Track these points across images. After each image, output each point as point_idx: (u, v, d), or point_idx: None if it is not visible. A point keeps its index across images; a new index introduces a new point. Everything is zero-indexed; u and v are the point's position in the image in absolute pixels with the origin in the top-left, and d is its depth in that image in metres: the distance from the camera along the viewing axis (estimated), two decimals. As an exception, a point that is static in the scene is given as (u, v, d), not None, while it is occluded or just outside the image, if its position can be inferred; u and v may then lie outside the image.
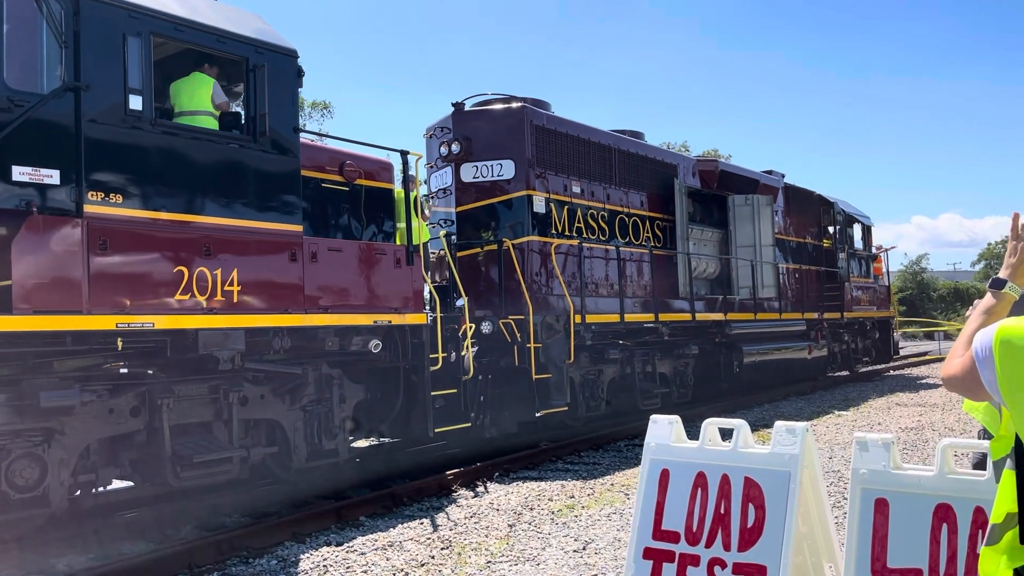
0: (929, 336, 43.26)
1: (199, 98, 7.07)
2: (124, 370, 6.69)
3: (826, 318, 18.47)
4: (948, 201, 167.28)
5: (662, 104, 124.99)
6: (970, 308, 4.02)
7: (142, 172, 6.29)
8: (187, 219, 6.53)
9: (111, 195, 6.06)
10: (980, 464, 3.60)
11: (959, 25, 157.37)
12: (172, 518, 7.11)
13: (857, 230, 21.09)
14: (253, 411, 7.27)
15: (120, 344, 6.15)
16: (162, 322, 6.30)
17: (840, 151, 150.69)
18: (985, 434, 3.29)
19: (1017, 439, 1.75)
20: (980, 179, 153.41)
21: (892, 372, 23.22)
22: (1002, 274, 2.05)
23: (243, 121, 7.20)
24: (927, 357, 28.48)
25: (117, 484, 7.25)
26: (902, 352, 28.61)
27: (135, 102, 6.27)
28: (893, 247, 24.82)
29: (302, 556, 6.15)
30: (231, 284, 6.76)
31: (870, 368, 22.17)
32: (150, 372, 6.74)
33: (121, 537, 6.60)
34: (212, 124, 7.03)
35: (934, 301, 58.62)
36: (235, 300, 6.78)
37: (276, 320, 7.13)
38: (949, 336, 35.00)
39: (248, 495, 7.75)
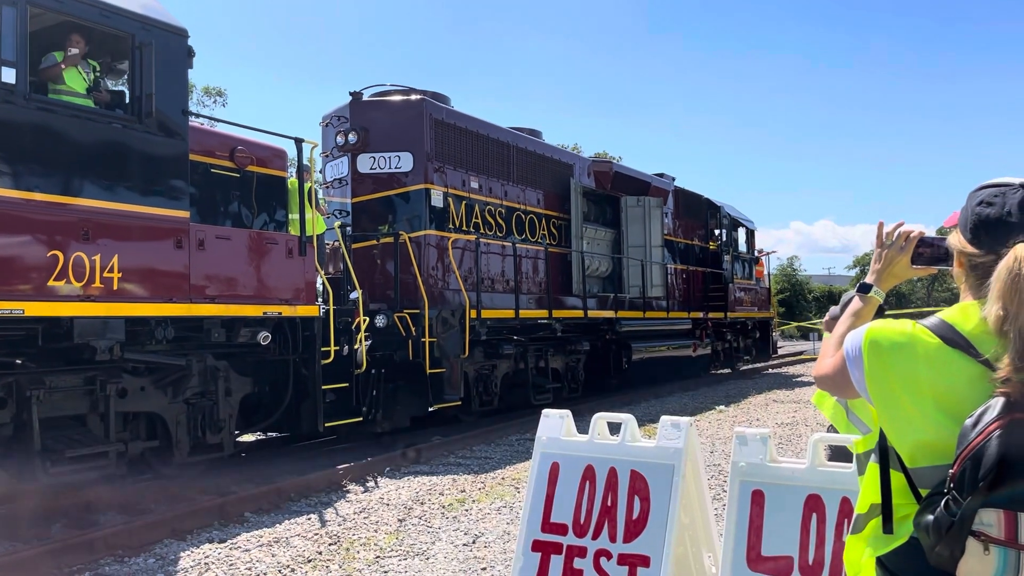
0: (804, 336, 45.55)
1: (71, 74, 6.70)
2: (-11, 359, 6.28)
3: (711, 317, 19.18)
4: (823, 208, 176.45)
5: (556, 102, 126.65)
6: (827, 314, 4.26)
7: (14, 149, 5.92)
8: (64, 201, 6.18)
9: (-22, 172, 5.68)
10: (833, 456, 3.82)
11: (863, 33, 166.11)
12: (40, 516, 6.71)
13: (742, 234, 21.97)
14: (132, 404, 6.97)
15: (-15, 332, 5.79)
16: (33, 309, 5.94)
17: (727, 156, 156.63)
18: (832, 428, 3.50)
19: (881, 433, 1.86)
20: (852, 188, 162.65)
21: (771, 370, 24.34)
22: (868, 279, 2.16)
23: (128, 101, 6.87)
24: (802, 356, 30.00)
25: (-21, 481, 6.80)
26: (780, 351, 30.05)
27: (8, 75, 5.89)
28: (774, 251, 26.07)
29: (182, 554, 5.94)
30: (111, 270, 6.44)
31: (751, 366, 23.17)
32: (19, 362, 6.35)
33: (-18, 537, 6.20)
34: (80, 88, 6.66)
35: (809, 303, 61.87)
36: (115, 287, 6.46)
37: (159, 309, 6.85)
38: (823, 336, 36.94)
39: (125, 491, 7.41)
